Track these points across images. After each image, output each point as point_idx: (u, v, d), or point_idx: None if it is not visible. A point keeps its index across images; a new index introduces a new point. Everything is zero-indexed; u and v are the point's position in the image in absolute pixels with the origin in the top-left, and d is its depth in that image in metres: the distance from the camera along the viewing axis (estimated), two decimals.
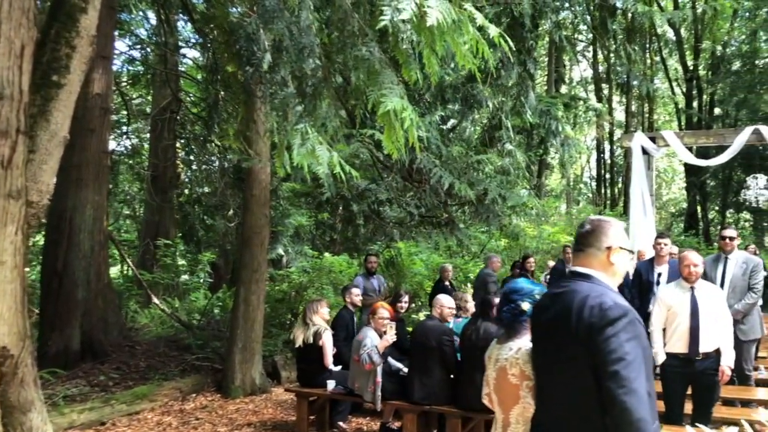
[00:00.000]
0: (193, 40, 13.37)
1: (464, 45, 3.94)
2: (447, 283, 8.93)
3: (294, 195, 11.98)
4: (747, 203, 16.42)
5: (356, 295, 7.03)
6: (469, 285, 11.27)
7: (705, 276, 6.23)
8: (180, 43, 13.16)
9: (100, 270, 8.39)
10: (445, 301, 5.54)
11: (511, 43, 4.28)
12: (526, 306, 2.73)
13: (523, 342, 2.66)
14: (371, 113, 4.59)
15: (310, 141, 4.28)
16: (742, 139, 13.00)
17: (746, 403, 5.95)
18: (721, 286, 6.09)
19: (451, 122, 11.72)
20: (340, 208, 12.17)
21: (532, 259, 9.21)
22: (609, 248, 2.28)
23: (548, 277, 9.27)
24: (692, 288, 4.81)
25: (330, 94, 4.80)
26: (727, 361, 4.77)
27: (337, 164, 4.49)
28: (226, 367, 7.79)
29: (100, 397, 6.69)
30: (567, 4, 12.53)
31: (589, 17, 18.37)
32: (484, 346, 4.84)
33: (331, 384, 5.93)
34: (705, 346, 4.70)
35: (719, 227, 24.85)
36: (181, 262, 13.48)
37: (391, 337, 5.49)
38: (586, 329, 2.08)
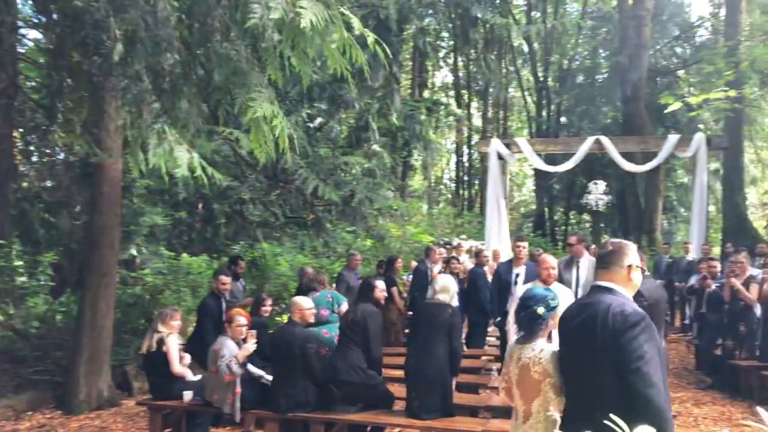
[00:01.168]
0: (34, 20, 12.09)
1: (336, 47, 3.86)
2: None
3: (149, 192, 11.25)
4: (588, 206, 17.98)
5: (223, 283, 6.76)
6: (334, 285, 11.21)
7: (560, 278, 6.69)
8: (19, 23, 11.85)
9: None
10: (303, 303, 5.46)
11: (387, 50, 4.28)
12: (541, 311, 3.03)
13: (543, 343, 3.00)
14: (237, 114, 4.34)
15: (167, 141, 3.97)
16: (585, 148, 14.21)
17: None
18: (576, 287, 6.55)
19: (318, 121, 11.63)
20: (200, 206, 11.63)
21: (399, 261, 9.32)
22: (629, 266, 2.65)
23: (411, 277, 9.43)
24: None
25: (190, 91, 4.48)
26: None
27: (198, 166, 4.22)
28: (69, 380, 7.11)
29: None
30: (431, 11, 12.92)
31: (451, 25, 19.10)
32: (365, 325, 5.05)
33: (187, 395, 5.60)
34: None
35: (564, 227, 27.03)
36: (17, 263, 12.17)
37: (251, 345, 5.30)
38: (610, 333, 2.44)
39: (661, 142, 14.44)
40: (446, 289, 4.94)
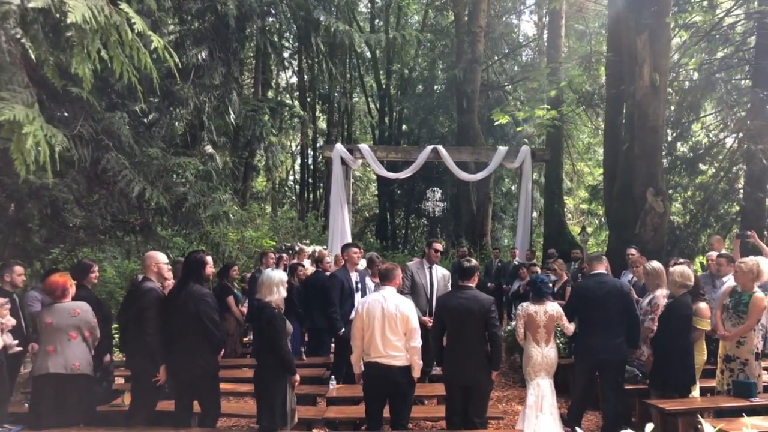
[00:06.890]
0: None
1: (122, 51, 3.49)
2: None
3: None
4: (426, 212, 18.72)
5: (18, 274, 6.09)
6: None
7: (412, 280, 6.88)
8: None
9: None
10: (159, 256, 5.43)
11: (177, 58, 3.99)
12: (550, 285, 6.06)
13: (552, 303, 5.68)
14: None
15: None
16: (423, 156, 14.74)
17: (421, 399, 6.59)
18: (431, 288, 6.77)
19: (153, 116, 10.84)
20: (11, 207, 10.29)
21: (235, 268, 8.93)
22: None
23: (247, 286, 9.09)
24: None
25: None
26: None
27: None
28: None
29: None
30: (272, 11, 12.62)
31: (294, 26, 18.87)
32: (196, 309, 4.93)
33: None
34: None
35: (404, 231, 27.90)
36: None
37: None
38: (623, 294, 5.55)
39: (492, 153, 15.41)
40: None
